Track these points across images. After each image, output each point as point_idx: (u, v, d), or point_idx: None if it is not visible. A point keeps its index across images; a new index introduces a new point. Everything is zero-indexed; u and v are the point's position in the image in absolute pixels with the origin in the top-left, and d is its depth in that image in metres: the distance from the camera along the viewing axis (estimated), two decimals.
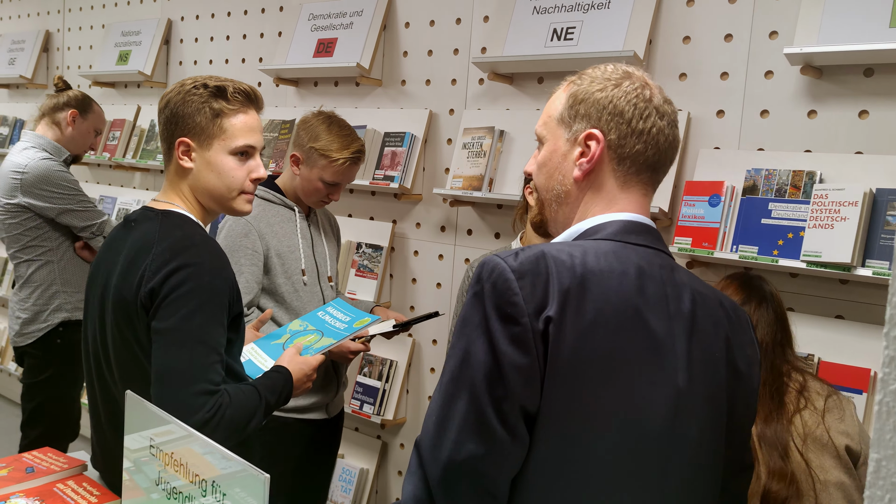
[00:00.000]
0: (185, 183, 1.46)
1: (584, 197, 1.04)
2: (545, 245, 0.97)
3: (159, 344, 1.30)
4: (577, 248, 0.96)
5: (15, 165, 2.48)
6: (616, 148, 1.01)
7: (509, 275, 0.90)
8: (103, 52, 3.95)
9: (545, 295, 0.90)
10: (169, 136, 1.45)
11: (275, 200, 2.11)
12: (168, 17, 3.71)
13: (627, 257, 0.97)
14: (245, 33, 3.38)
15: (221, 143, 1.44)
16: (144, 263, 1.33)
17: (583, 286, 0.91)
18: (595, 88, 1.04)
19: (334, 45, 2.94)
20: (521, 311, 0.89)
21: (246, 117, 1.47)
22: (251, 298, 2.01)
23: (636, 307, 0.93)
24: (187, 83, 1.44)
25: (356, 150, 2.06)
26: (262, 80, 3.30)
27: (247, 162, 1.47)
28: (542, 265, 0.91)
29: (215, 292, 1.34)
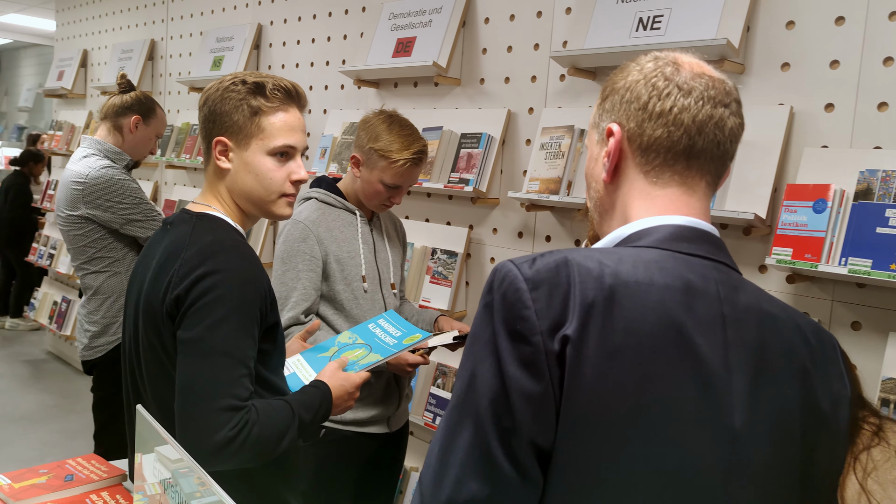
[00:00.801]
0: (223, 184, 1.39)
1: (618, 200, 0.89)
2: (571, 250, 0.82)
3: (183, 355, 1.23)
4: (611, 255, 0.80)
5: (76, 175, 2.38)
6: (636, 138, 0.86)
7: (521, 284, 0.76)
8: (200, 59, 4.05)
9: (564, 309, 0.75)
10: (207, 135, 1.39)
11: (335, 204, 2.04)
12: (258, 22, 3.75)
13: (675, 269, 0.80)
14: (329, 35, 3.36)
15: (259, 142, 1.36)
16: (172, 269, 1.27)
17: (611, 300, 0.76)
18: (619, 77, 0.89)
19: (413, 45, 2.85)
20: (533, 328, 0.75)
21: (286, 116, 1.39)
22: (309, 305, 1.94)
23: (680, 328, 0.77)
24: (226, 79, 1.38)
25: (417, 151, 1.95)
26: (344, 83, 3.26)
27: (287, 163, 1.39)
28: (562, 273, 0.77)
29: (244, 301, 1.26)
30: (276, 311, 1.35)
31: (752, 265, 2.00)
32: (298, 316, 1.92)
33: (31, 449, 3.82)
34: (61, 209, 2.41)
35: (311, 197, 2.06)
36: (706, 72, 0.87)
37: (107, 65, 4.93)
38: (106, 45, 5.07)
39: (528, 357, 0.74)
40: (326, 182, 2.09)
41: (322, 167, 3.12)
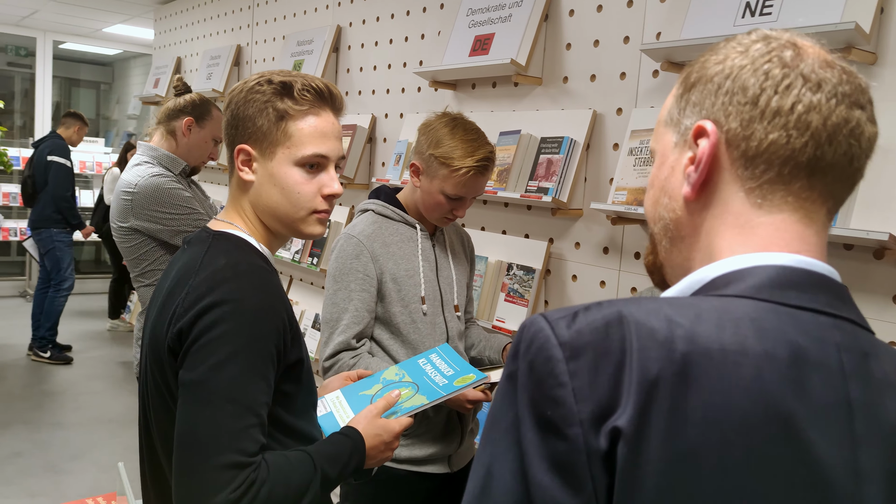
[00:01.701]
0: (247, 199, 1.22)
1: (703, 226, 0.66)
2: (628, 301, 0.60)
3: (183, 400, 1.06)
4: (685, 309, 0.59)
5: (126, 185, 2.26)
6: (739, 142, 0.63)
7: (554, 351, 0.56)
8: (281, 63, 3.97)
9: (615, 389, 0.55)
10: (230, 142, 1.21)
11: (393, 217, 1.84)
12: (337, 24, 3.63)
13: (778, 330, 0.58)
14: (407, 35, 3.19)
15: (286, 151, 1.18)
16: (179, 298, 1.11)
17: (684, 376, 0.54)
18: (713, 62, 0.67)
19: (491, 42, 2.63)
20: (570, 416, 0.54)
21: (317, 120, 1.19)
22: (361, 329, 1.76)
23: (787, 418, 0.55)
24: (251, 79, 1.20)
25: (483, 158, 1.73)
26: (421, 85, 3.08)
27: (317, 175, 1.20)
28: (613, 336, 0.56)
29: (256, 337, 1.07)
30: (298, 348, 1.17)
31: (884, 295, 1.66)
32: (349, 340, 1.74)
33: (114, 454, 3.85)
34: (114, 220, 2.32)
35: (367, 209, 1.88)
36: (834, 61, 0.64)
37: (197, 71, 4.97)
38: (197, 52, 5.12)
39: (563, 457, 0.54)
40: (385, 192, 1.90)
41: (396, 175, 2.95)
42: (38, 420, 4.30)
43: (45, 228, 5.35)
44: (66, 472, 3.66)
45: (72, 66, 9.74)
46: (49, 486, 3.51)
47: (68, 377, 5.13)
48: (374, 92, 3.37)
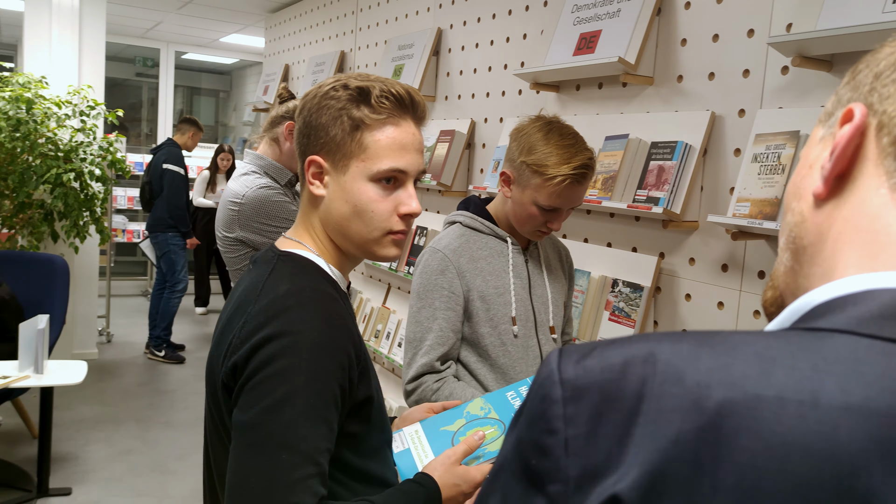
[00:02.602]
0: (317, 215, 1.11)
1: (830, 233, 0.51)
2: (669, 337, 0.47)
3: (235, 444, 0.96)
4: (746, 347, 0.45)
5: (233, 195, 2.25)
6: (893, 128, 0.48)
7: (553, 390, 0.47)
8: (383, 68, 3.92)
9: (620, 443, 0.43)
10: (301, 153, 1.10)
11: (483, 229, 1.70)
12: (438, 27, 3.53)
13: (879, 376, 0.42)
14: (508, 36, 3.04)
15: (360, 164, 1.06)
16: (237, 326, 1.01)
17: (715, 432, 0.41)
18: (886, 51, 0.52)
19: (597, 39, 2.44)
20: (554, 470, 0.45)
21: (396, 131, 1.07)
22: (446, 351, 1.63)
23: (866, 495, 0.39)
24: (326, 84, 1.08)
25: (580, 166, 1.57)
26: (522, 87, 2.92)
27: (394, 192, 1.08)
28: (631, 378, 0.45)
29: (317, 374, 0.96)
30: (367, 384, 1.05)
31: None
32: (433, 363, 1.62)
33: None
34: (219, 229, 2.31)
35: (454, 221, 1.75)
36: None
37: (302, 78, 5.02)
38: (304, 58, 5.18)
39: None
40: (474, 203, 1.76)
41: (494, 182, 2.81)
42: (149, 418, 4.45)
43: (161, 232, 5.58)
44: (172, 473, 3.74)
45: (193, 75, 10.22)
46: (155, 485, 3.60)
47: (180, 376, 5.30)
48: (473, 96, 3.24)
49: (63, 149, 4.76)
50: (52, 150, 4.72)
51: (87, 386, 4.76)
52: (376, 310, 3.69)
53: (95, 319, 5.58)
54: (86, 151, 4.89)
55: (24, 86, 4.67)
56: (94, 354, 5.50)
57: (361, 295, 3.96)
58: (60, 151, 4.75)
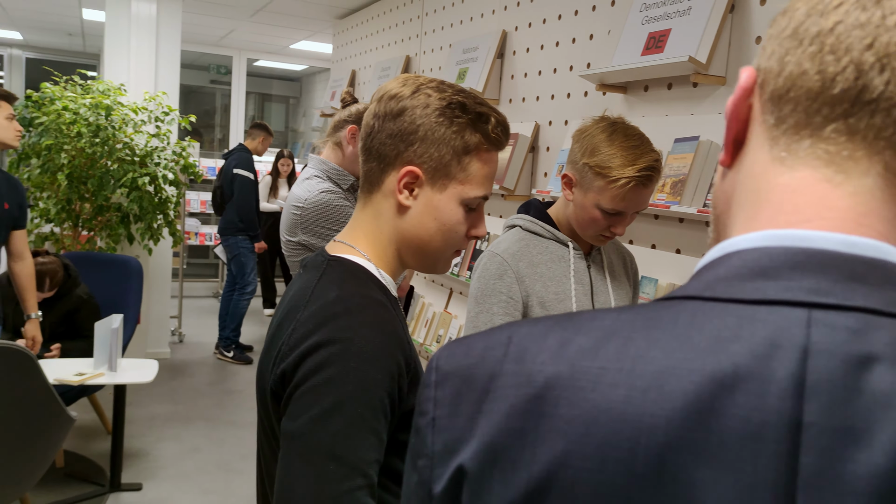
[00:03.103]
0: (390, 223, 1.08)
1: (732, 199, 0.51)
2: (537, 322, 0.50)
3: (283, 453, 0.94)
4: (594, 323, 0.47)
5: (296, 199, 2.26)
6: (770, 80, 0.48)
7: (429, 375, 0.52)
8: (447, 72, 3.91)
9: (470, 421, 0.48)
10: (391, 155, 1.05)
11: (543, 234, 1.66)
12: (503, 29, 3.49)
13: (708, 337, 0.43)
14: (574, 37, 2.98)
15: (458, 187, 1.05)
16: (286, 333, 0.99)
17: (541, 406, 0.45)
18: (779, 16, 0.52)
19: (666, 39, 2.36)
20: (423, 446, 0.50)
21: (494, 162, 1.09)
22: None
23: (662, 451, 0.41)
24: (434, 95, 1.03)
25: (646, 168, 1.50)
26: (588, 89, 2.86)
27: (471, 215, 1.09)
28: (488, 361, 0.49)
29: (366, 384, 0.93)
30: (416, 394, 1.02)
31: None
32: None
33: None
34: (283, 233, 2.34)
35: (514, 224, 1.71)
36: None
37: (368, 83, 5.06)
38: (370, 64, 5.22)
39: (411, 491, 0.52)
40: (535, 206, 1.72)
41: (559, 186, 2.75)
42: (217, 418, 4.55)
43: (232, 236, 5.71)
44: (237, 472, 3.81)
45: (264, 81, 10.47)
46: (221, 484, 3.67)
47: (247, 377, 5.41)
48: (537, 98, 3.19)
49: (139, 154, 4.94)
50: (129, 154, 4.89)
51: (159, 384, 4.91)
52: (438, 314, 3.67)
53: (168, 320, 5.75)
54: (160, 156, 5.05)
55: (103, 93, 4.86)
56: (167, 354, 5.67)
57: (423, 300, 3.95)
58: (136, 156, 4.92)
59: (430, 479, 0.49)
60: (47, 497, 3.36)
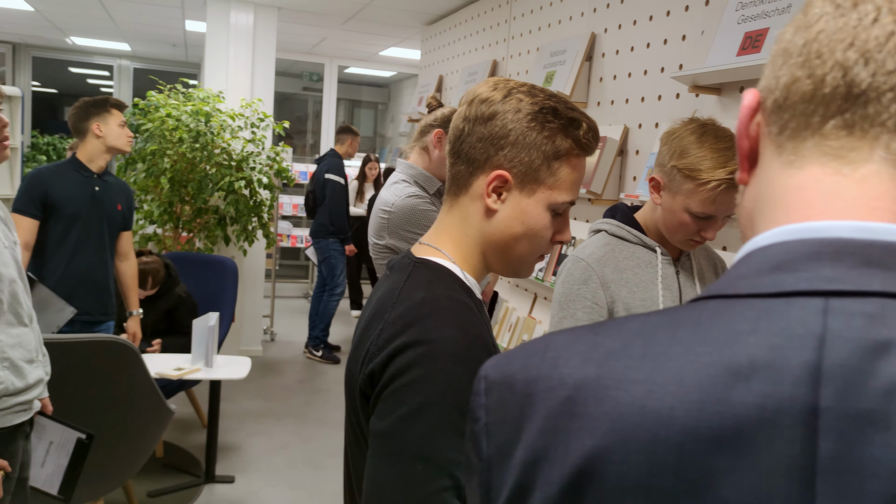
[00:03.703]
0: (477, 226, 1.08)
1: (752, 212, 0.53)
2: (574, 330, 0.53)
3: (372, 451, 0.96)
4: (623, 328, 0.50)
5: (383, 203, 2.29)
6: (768, 94, 0.52)
7: (478, 384, 0.55)
8: (534, 75, 3.89)
9: (517, 426, 0.51)
10: (480, 159, 1.05)
11: (630, 238, 1.62)
12: (592, 31, 3.45)
13: (716, 337, 0.44)
14: (665, 38, 2.91)
15: (547, 192, 1.05)
16: (374, 333, 1.01)
17: (572, 406, 0.48)
18: None
19: (764, 38, 2.27)
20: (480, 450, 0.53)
21: (582, 167, 1.08)
22: None
23: (680, 443, 0.43)
24: (525, 99, 1.03)
25: (736, 170, 1.45)
26: (680, 91, 2.78)
27: (557, 220, 1.09)
28: (528, 370, 0.52)
29: (453, 385, 0.94)
30: None
31: None
32: None
33: None
34: (371, 236, 2.38)
35: (600, 229, 1.69)
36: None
37: (455, 88, 5.10)
38: (457, 69, 5.26)
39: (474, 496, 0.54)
40: (622, 211, 1.69)
41: (647, 190, 2.69)
42: (306, 415, 4.68)
43: (323, 238, 5.87)
44: (324, 469, 3.91)
45: (354, 88, 10.71)
46: (309, 480, 3.77)
47: (335, 376, 5.54)
48: (627, 101, 3.13)
49: (236, 158, 5.14)
50: (226, 159, 5.10)
51: (251, 381, 5.09)
52: (522, 320, 3.65)
53: (260, 318, 5.96)
54: (255, 161, 5.24)
55: (203, 100, 5.09)
56: (259, 351, 5.88)
57: (507, 304, 3.94)
58: (233, 161, 5.13)
59: (488, 482, 0.52)
60: (147, 485, 3.54)
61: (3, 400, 1.82)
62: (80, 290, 3.16)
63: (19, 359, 1.86)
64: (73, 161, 3.19)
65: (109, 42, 8.79)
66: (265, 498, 3.54)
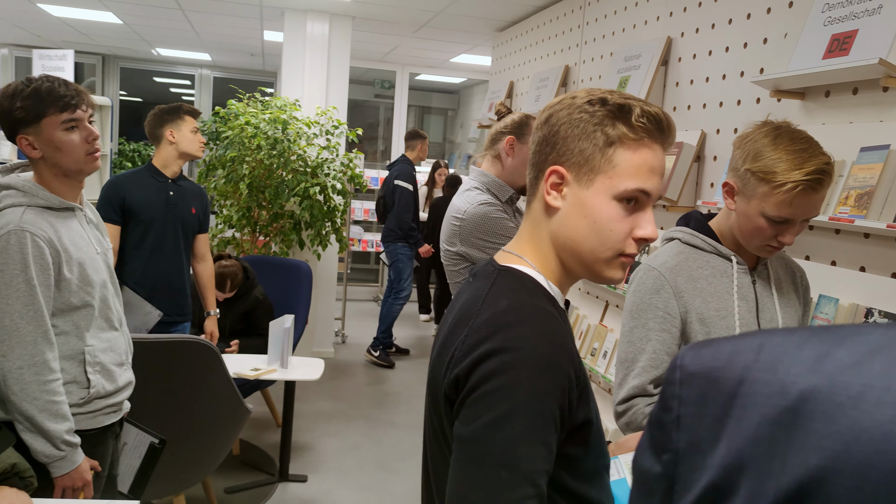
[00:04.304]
0: (546, 228, 1.08)
1: None
2: (792, 331, 0.50)
3: (455, 457, 0.97)
4: (857, 336, 0.46)
5: (456, 210, 2.31)
6: None
7: (673, 373, 0.54)
8: (608, 80, 3.85)
9: (717, 424, 0.48)
10: (540, 161, 1.08)
11: (704, 247, 1.59)
12: (668, 36, 3.39)
13: None
14: (746, 41, 2.83)
15: (606, 181, 1.03)
16: (458, 339, 1.02)
17: (795, 418, 0.44)
18: None
19: (852, 40, 2.19)
20: (667, 441, 0.52)
21: (648, 153, 1.04)
22: (659, 374, 1.55)
23: None
24: (580, 96, 1.06)
25: (814, 171, 1.41)
26: (760, 95, 2.71)
27: (633, 213, 1.04)
28: (736, 365, 0.49)
29: (538, 394, 0.94)
30: (586, 406, 1.01)
31: None
32: (645, 385, 1.54)
33: None
34: (443, 242, 2.40)
35: (673, 237, 1.66)
36: None
37: (526, 94, 5.09)
38: (528, 75, 5.25)
39: (653, 482, 0.53)
40: (696, 219, 1.66)
41: None
42: (376, 417, 4.74)
43: (392, 243, 5.95)
44: (394, 471, 3.95)
45: (424, 94, 10.81)
46: (378, 482, 3.82)
47: (404, 379, 5.60)
48: (704, 106, 3.07)
49: (311, 165, 5.26)
50: (302, 166, 5.23)
51: (323, 382, 5.19)
52: (593, 327, 3.61)
53: (332, 321, 6.07)
54: (329, 167, 5.35)
55: (280, 108, 5.24)
56: (331, 353, 5.99)
57: (578, 311, 3.90)
58: (308, 167, 5.25)
59: (674, 473, 0.51)
60: (225, 481, 3.66)
61: (94, 402, 1.90)
62: (158, 292, 3.28)
63: (110, 362, 1.94)
64: (149, 167, 3.32)
65: (191, 52, 9.13)
66: (336, 498, 3.60)
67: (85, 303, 1.86)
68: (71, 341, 1.85)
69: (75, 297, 1.83)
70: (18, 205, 1.78)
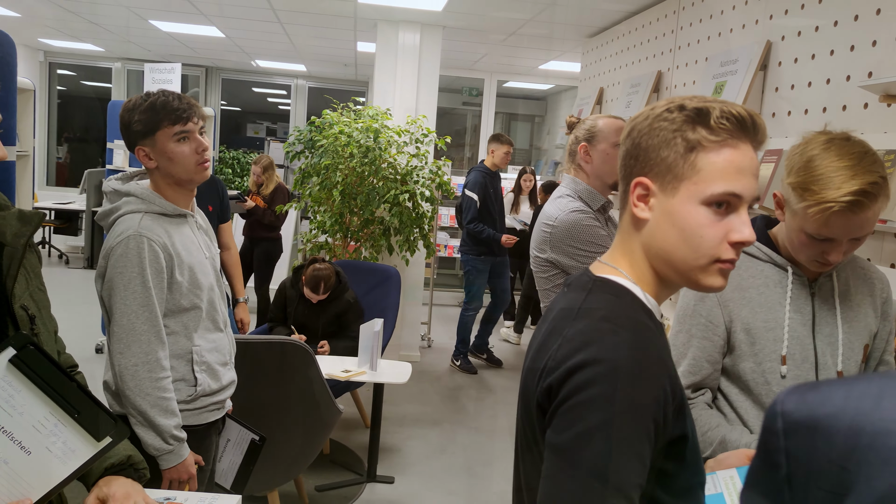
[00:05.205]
0: (638, 240, 1.08)
1: None
2: None
3: (547, 465, 0.98)
4: None
5: (547, 217, 2.31)
6: None
7: (775, 422, 0.50)
8: (702, 86, 3.77)
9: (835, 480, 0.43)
10: (626, 175, 1.09)
11: (759, 255, 1.55)
12: (767, 40, 3.29)
13: None
14: (853, 44, 2.72)
15: (692, 187, 1.01)
16: (552, 348, 1.04)
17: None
18: None
19: None
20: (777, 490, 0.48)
21: (733, 153, 1.00)
22: (699, 381, 1.55)
23: None
24: (659, 105, 1.06)
25: (855, 192, 1.31)
26: (868, 101, 2.59)
27: (726, 217, 1.01)
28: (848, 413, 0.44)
29: (632, 406, 0.94)
30: (682, 421, 1.01)
31: None
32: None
33: None
34: (533, 249, 2.41)
35: None
36: None
37: (616, 100, 5.03)
38: (619, 81, 5.18)
39: None
40: (757, 226, 1.61)
41: None
42: (461, 422, 4.78)
43: (465, 253, 5.90)
44: (479, 477, 3.97)
45: (511, 101, 10.82)
46: (464, 486, 3.85)
47: (490, 384, 5.61)
48: (806, 111, 2.96)
49: (401, 172, 5.37)
50: (392, 173, 5.34)
51: (409, 385, 5.27)
52: None
53: (419, 325, 6.16)
54: (418, 175, 5.44)
55: (373, 117, 5.37)
56: (417, 357, 6.07)
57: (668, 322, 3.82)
58: (398, 175, 5.35)
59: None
60: (315, 479, 3.77)
61: (200, 400, 2.01)
62: None
63: (215, 362, 2.04)
64: None
65: (288, 63, 9.47)
66: (422, 500, 3.66)
67: (194, 305, 1.97)
68: (180, 341, 1.96)
69: (185, 300, 1.94)
70: (137, 211, 1.91)
